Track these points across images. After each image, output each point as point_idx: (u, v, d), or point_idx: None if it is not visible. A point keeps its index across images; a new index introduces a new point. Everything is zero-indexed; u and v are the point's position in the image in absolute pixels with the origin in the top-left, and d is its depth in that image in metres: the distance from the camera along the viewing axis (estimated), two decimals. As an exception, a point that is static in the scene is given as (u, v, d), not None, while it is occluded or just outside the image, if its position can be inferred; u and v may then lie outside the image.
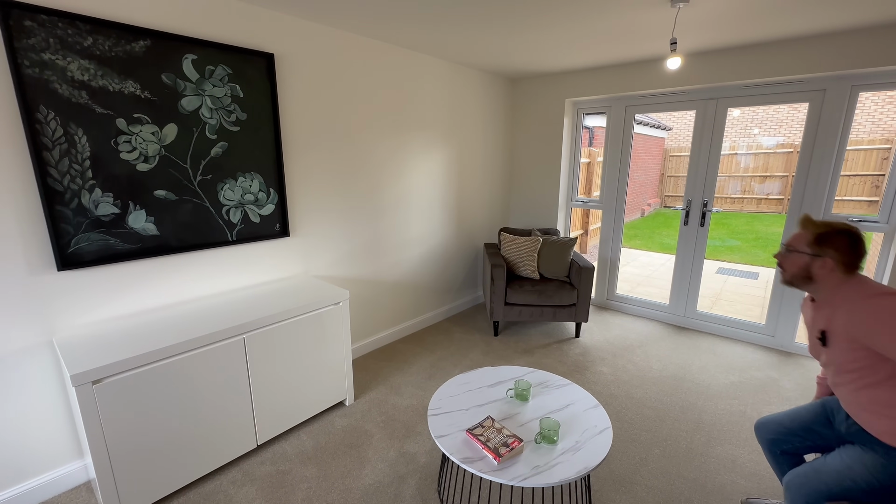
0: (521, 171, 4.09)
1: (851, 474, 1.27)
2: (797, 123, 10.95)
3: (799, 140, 10.67)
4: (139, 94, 1.76)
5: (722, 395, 2.51)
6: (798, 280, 1.38)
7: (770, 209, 10.57)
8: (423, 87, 3.06)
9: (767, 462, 1.82)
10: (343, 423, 2.23)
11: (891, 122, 9.12)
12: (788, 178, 10.08)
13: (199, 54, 1.91)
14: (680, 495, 1.77)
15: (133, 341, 1.65)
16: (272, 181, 2.26)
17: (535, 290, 3.15)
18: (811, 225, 1.35)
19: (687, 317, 3.52)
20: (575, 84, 3.59)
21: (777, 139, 11.15)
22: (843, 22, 2.30)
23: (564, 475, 1.38)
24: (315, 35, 2.35)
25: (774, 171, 10.26)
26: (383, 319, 3.14)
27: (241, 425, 1.90)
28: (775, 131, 11.27)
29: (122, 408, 1.53)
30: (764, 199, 10.61)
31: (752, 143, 11.31)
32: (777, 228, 9.03)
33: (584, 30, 2.42)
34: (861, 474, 1.26)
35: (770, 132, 11.34)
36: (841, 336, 1.28)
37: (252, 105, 2.12)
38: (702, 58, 2.96)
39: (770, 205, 10.56)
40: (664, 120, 12.44)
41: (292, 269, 2.47)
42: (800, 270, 1.36)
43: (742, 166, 10.60)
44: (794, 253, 1.37)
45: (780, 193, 10.31)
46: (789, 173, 10.01)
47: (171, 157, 1.89)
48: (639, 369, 2.82)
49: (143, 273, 1.89)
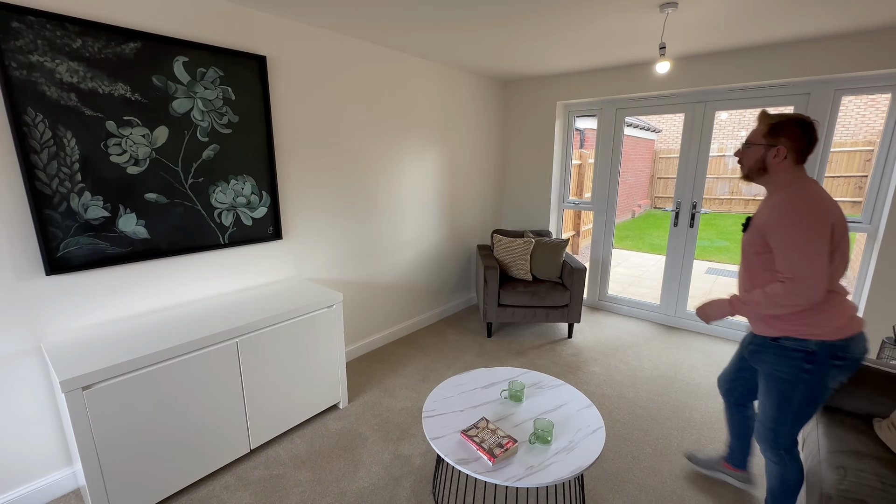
0: (514, 172, 4.12)
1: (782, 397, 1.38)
2: (783, 126, 11.13)
3: (785, 142, 10.84)
4: (129, 97, 1.75)
5: (712, 394, 2.55)
6: (754, 172, 1.45)
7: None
8: (415, 89, 3.07)
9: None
10: (337, 427, 2.22)
11: (873, 125, 9.34)
12: (775, 179, 10.23)
13: (191, 56, 1.90)
14: (672, 493, 1.80)
15: (124, 346, 1.63)
16: (265, 184, 2.26)
17: (527, 291, 3.17)
18: (766, 118, 1.42)
19: (677, 316, 3.56)
20: (566, 87, 3.62)
21: (764, 141, 11.34)
22: (826, 28, 2.35)
23: (558, 475, 1.39)
24: (307, 37, 2.35)
25: (761, 172, 10.42)
26: (377, 322, 3.14)
27: (234, 430, 1.89)
28: (762, 133, 11.46)
29: (113, 414, 1.51)
30: (752, 200, 10.78)
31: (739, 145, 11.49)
32: (764, 229, 9.15)
33: (574, 34, 2.45)
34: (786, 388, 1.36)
35: (757, 134, 11.53)
36: (757, 225, 1.39)
37: (244, 107, 2.11)
38: (689, 62, 3.01)
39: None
40: (654, 122, 12.59)
41: (285, 272, 2.46)
42: (756, 163, 1.43)
43: (730, 168, 10.76)
44: (752, 146, 1.44)
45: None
46: (776, 175, 10.16)
47: (161, 160, 1.87)
48: (630, 369, 2.85)
49: (134, 277, 1.87)
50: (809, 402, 1.35)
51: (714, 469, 1.88)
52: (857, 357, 1.32)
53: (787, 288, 1.27)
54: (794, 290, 1.26)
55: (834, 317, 1.30)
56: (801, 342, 1.32)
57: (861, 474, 1.29)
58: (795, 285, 1.26)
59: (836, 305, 1.31)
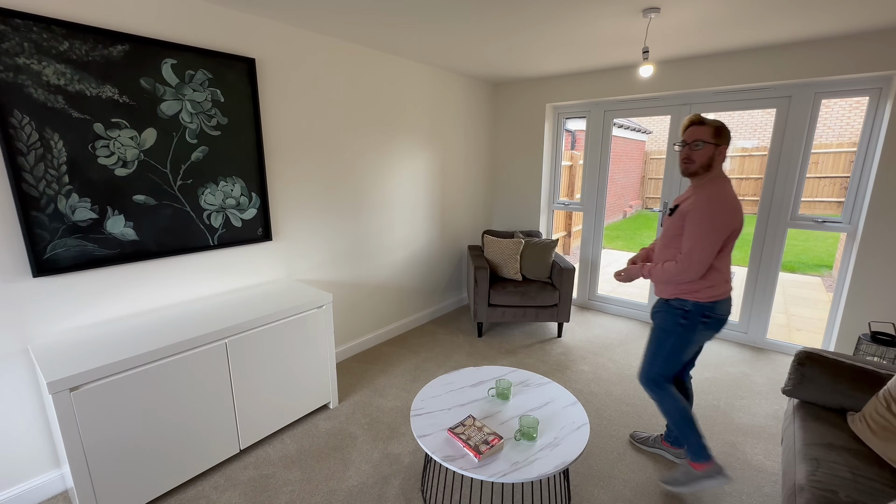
0: (504, 174, 4.16)
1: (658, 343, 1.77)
2: (770, 127, 11.33)
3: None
4: (117, 99, 1.75)
5: (697, 391, 2.60)
6: (702, 168, 1.65)
7: (746, 210, 10.89)
8: (405, 90, 3.09)
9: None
10: (327, 426, 2.23)
11: (856, 127, 9.52)
12: (762, 180, 10.40)
13: (179, 59, 1.91)
14: (654, 487, 1.84)
15: (112, 347, 1.64)
16: (254, 185, 2.27)
17: (517, 291, 3.20)
18: (706, 121, 1.64)
19: (665, 315, 3.61)
20: (555, 89, 3.67)
21: (752, 142, 11.51)
22: (806, 32, 2.42)
23: (543, 470, 1.42)
24: (296, 40, 2.36)
25: (750, 173, 10.58)
26: (367, 322, 3.15)
27: (224, 430, 1.89)
28: (750, 135, 11.63)
29: (101, 415, 1.52)
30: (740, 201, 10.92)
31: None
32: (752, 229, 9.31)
33: (561, 37, 2.49)
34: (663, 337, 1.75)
35: (745, 136, 11.70)
36: (683, 211, 1.65)
37: (233, 109, 2.12)
38: (674, 65, 3.06)
39: (746, 206, 10.87)
40: (645, 123, 12.72)
41: (275, 273, 2.47)
42: (707, 159, 1.63)
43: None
44: (705, 146, 1.62)
45: (754, 195, 10.63)
46: (764, 175, 10.33)
47: (150, 162, 1.88)
48: (619, 367, 2.89)
49: (122, 278, 1.87)
50: (676, 350, 1.73)
51: (654, 447, 2.06)
52: (720, 317, 1.67)
53: (677, 266, 1.62)
54: (682, 269, 1.61)
55: (708, 286, 1.63)
56: (682, 302, 1.68)
57: (833, 466, 1.33)
58: (684, 265, 1.60)
59: (712, 279, 1.63)
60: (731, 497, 1.79)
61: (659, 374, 1.79)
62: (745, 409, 2.42)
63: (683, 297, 1.67)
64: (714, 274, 1.63)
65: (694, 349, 1.76)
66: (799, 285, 5.37)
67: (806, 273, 6.03)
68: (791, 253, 7.37)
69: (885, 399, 1.48)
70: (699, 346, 1.80)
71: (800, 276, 5.82)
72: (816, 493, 1.22)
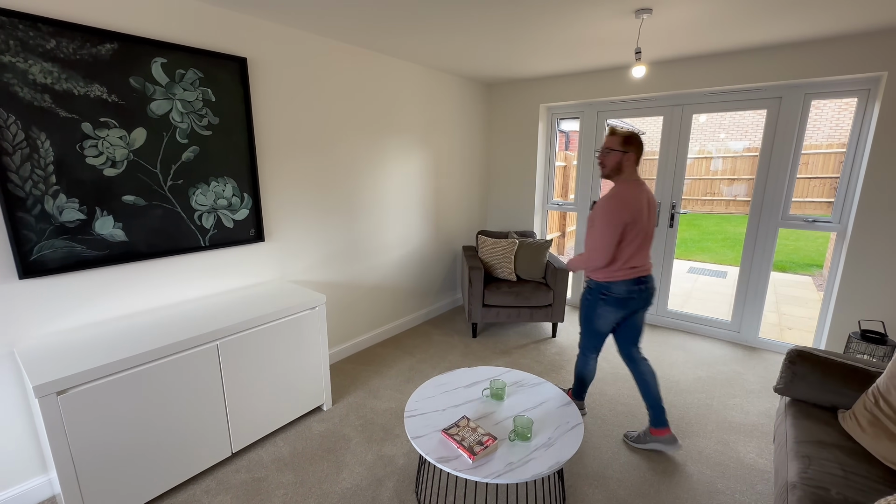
0: (498, 174, 4.16)
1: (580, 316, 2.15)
2: (762, 128, 11.45)
3: (763, 144, 11.14)
4: (106, 98, 1.73)
5: (690, 390, 2.61)
6: (614, 172, 1.93)
7: (738, 210, 10.98)
8: (399, 91, 3.08)
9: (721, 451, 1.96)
10: (321, 428, 2.22)
11: (845, 128, 9.64)
12: (754, 180, 10.51)
13: (169, 58, 1.89)
14: (650, 487, 1.84)
15: (101, 350, 1.61)
16: (246, 186, 2.25)
17: (512, 291, 3.20)
18: (617, 132, 1.95)
19: (658, 315, 3.64)
20: (548, 90, 3.67)
21: (743, 143, 11.62)
22: (796, 34, 2.44)
23: (537, 470, 1.42)
24: (289, 39, 2.35)
25: (741, 173, 10.68)
26: (361, 323, 3.14)
27: (215, 433, 1.87)
28: (742, 135, 11.74)
29: (90, 419, 1.49)
30: (732, 201, 11.01)
31: (720, 147, 11.75)
32: (743, 229, 9.40)
33: (554, 38, 2.50)
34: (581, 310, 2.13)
35: (737, 136, 11.81)
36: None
37: (225, 109, 2.10)
38: (666, 66, 3.08)
39: (738, 206, 10.97)
40: (637, 124, 12.79)
41: (268, 274, 2.45)
42: (616, 164, 1.92)
43: (712, 169, 10.99)
44: (613, 152, 1.91)
45: (746, 195, 10.73)
46: (755, 176, 10.44)
47: (140, 162, 1.86)
48: (612, 367, 2.90)
49: (111, 280, 1.85)
50: (588, 320, 2.10)
51: (646, 442, 2.09)
52: (617, 295, 1.96)
53: (584, 256, 1.98)
54: (587, 258, 1.96)
55: (608, 272, 1.95)
56: (589, 282, 2.06)
57: (825, 463, 1.34)
58: (588, 254, 1.95)
59: (614, 268, 1.93)
60: (724, 495, 1.79)
61: (585, 344, 2.18)
62: (738, 407, 2.43)
63: (588, 277, 2.08)
64: (614, 265, 1.94)
65: (605, 324, 2.06)
66: (790, 284, 5.43)
67: (797, 272, 6.10)
68: (782, 252, 7.44)
69: (874, 396, 1.50)
70: (612, 321, 2.05)
71: (791, 276, 5.89)
72: (808, 491, 1.23)
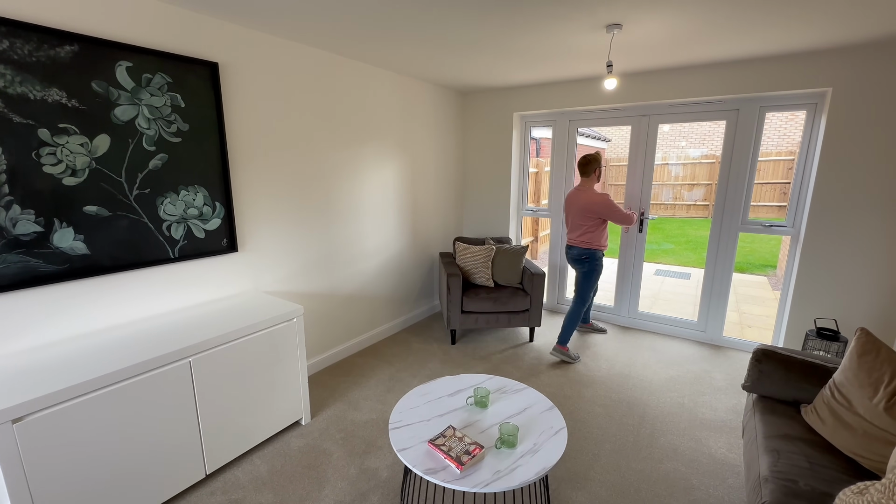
0: (473, 181, 4.20)
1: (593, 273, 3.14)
2: (718, 136, 12.12)
3: (720, 151, 11.78)
4: (65, 103, 1.63)
5: (663, 390, 2.71)
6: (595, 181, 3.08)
7: (698, 214, 11.54)
8: (374, 98, 3.07)
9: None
10: (300, 444, 2.15)
11: (793, 137, 10.36)
12: (712, 185, 11.08)
13: (135, 61, 1.80)
14: (629, 486, 1.89)
15: (61, 373, 1.50)
16: (218, 194, 2.17)
17: (490, 297, 3.23)
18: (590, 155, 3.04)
19: (630, 317, 3.76)
20: (522, 99, 3.75)
21: (701, 150, 12.25)
22: (751, 51, 2.60)
23: (525, 477, 1.43)
24: (262, 45, 2.29)
25: (700, 179, 11.24)
26: (339, 334, 3.07)
27: (188, 455, 1.78)
28: (700, 143, 12.38)
29: (49, 447, 1.39)
30: (692, 206, 11.57)
31: (680, 154, 12.33)
32: (704, 232, 9.88)
33: (528, 51, 2.56)
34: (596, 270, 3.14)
35: (695, 144, 12.44)
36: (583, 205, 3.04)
37: (195, 115, 2.02)
38: (635, 78, 3.22)
39: (698, 210, 11.53)
40: (604, 132, 13.25)
41: (241, 285, 2.36)
42: (597, 176, 3.06)
43: (673, 175, 11.52)
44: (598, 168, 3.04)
45: (704, 199, 11.30)
46: (712, 181, 11.01)
47: (103, 170, 1.76)
48: (588, 369, 2.97)
49: (73, 296, 1.73)
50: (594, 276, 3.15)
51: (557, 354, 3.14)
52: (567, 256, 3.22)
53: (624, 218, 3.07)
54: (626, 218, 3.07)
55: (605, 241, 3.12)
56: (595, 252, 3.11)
57: (792, 456, 1.42)
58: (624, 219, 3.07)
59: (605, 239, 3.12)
60: (698, 490, 1.87)
61: (585, 296, 3.16)
62: (708, 404, 2.54)
63: (593, 247, 3.10)
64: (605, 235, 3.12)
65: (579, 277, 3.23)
66: (748, 284, 5.74)
67: (753, 273, 6.46)
68: (739, 254, 7.87)
69: (831, 390, 1.61)
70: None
71: (748, 276, 6.23)
72: (779, 484, 1.30)
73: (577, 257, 3.13)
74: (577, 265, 3.16)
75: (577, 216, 3.07)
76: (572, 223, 3.13)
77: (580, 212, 3.05)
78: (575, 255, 3.14)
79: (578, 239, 3.10)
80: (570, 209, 3.11)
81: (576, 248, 3.12)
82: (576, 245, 3.12)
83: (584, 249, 3.08)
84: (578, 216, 3.07)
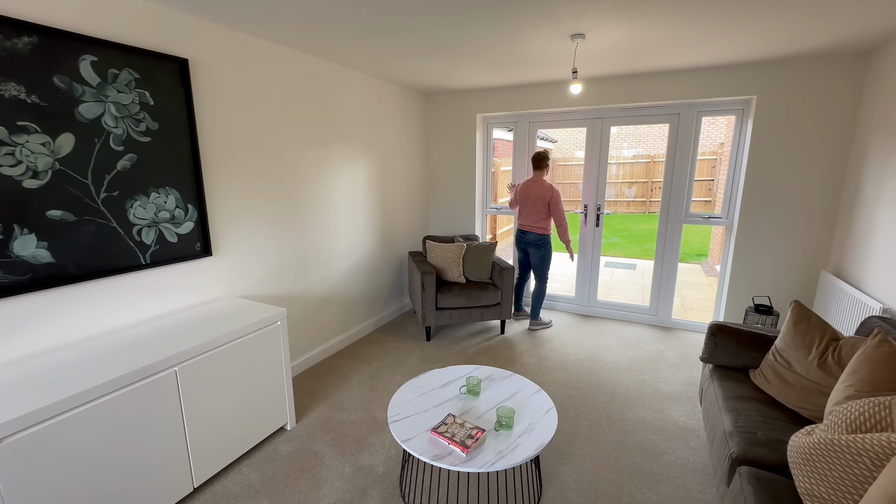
0: (439, 181, 4.28)
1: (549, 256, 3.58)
2: (651, 138, 13.16)
3: (653, 151, 12.83)
4: (24, 99, 1.50)
5: (626, 370, 2.96)
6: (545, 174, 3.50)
7: (637, 210, 12.47)
8: (343, 98, 3.05)
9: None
10: (288, 449, 2.11)
11: (715, 139, 11.51)
12: (648, 183, 12.02)
13: (100, 56, 1.69)
14: (609, 457, 2.07)
15: (34, 391, 1.39)
16: (190, 197, 2.07)
17: (462, 293, 3.33)
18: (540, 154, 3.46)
19: (590, 306, 4.03)
20: (485, 101, 3.89)
21: (637, 150, 13.24)
22: (690, 62, 2.92)
23: (525, 454, 1.53)
24: (233, 42, 2.22)
25: (637, 177, 12.15)
26: (314, 336, 3.03)
27: (175, 469, 1.70)
28: (636, 144, 13.37)
29: (24, 472, 1.28)
30: (632, 202, 12.47)
31: (620, 155, 13.25)
32: (644, 226, 10.71)
33: (492, 57, 2.68)
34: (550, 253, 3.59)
35: (633, 145, 13.42)
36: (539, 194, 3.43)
37: (164, 113, 1.93)
38: (591, 84, 3.46)
39: (636, 206, 12.45)
40: (550, 134, 13.88)
41: (216, 290, 2.27)
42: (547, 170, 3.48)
43: (614, 174, 12.34)
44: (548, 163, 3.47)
45: (641, 196, 12.24)
46: (648, 179, 11.95)
47: (67, 172, 1.63)
48: (559, 356, 3.16)
49: (38, 308, 1.59)
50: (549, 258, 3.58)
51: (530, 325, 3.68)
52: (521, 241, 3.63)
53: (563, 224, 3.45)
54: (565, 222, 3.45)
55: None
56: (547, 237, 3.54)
57: (748, 413, 1.65)
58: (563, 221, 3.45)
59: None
60: (668, 454, 2.08)
61: (546, 276, 3.62)
62: (665, 379, 2.82)
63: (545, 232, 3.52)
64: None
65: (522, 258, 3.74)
66: (684, 272, 6.32)
67: (688, 262, 7.12)
68: (675, 245, 8.61)
69: (774, 355, 1.87)
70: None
71: (683, 265, 6.86)
72: (742, 436, 1.51)
73: (535, 242, 3.51)
74: (535, 249, 3.53)
75: (535, 203, 3.43)
76: (529, 210, 3.47)
77: (537, 200, 3.42)
78: (532, 240, 3.52)
79: (535, 225, 3.47)
80: (527, 197, 3.46)
81: (533, 234, 3.50)
82: (533, 230, 3.49)
83: (541, 235, 3.48)
84: (537, 203, 3.43)
